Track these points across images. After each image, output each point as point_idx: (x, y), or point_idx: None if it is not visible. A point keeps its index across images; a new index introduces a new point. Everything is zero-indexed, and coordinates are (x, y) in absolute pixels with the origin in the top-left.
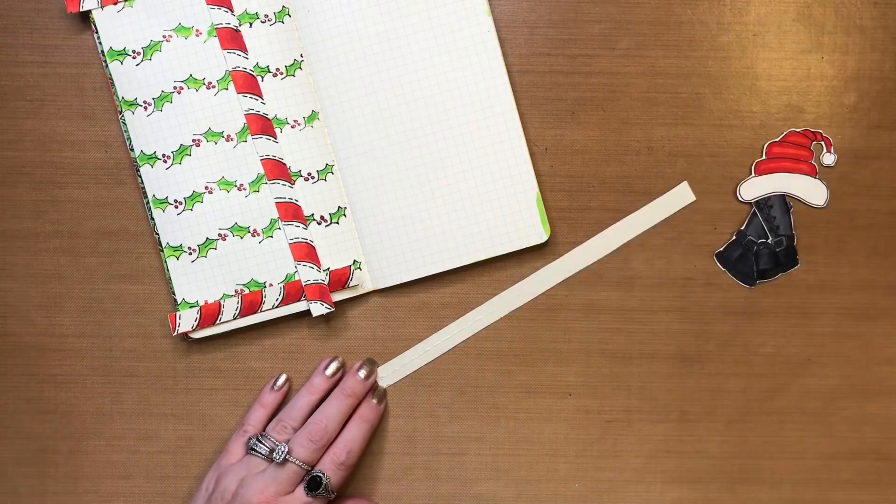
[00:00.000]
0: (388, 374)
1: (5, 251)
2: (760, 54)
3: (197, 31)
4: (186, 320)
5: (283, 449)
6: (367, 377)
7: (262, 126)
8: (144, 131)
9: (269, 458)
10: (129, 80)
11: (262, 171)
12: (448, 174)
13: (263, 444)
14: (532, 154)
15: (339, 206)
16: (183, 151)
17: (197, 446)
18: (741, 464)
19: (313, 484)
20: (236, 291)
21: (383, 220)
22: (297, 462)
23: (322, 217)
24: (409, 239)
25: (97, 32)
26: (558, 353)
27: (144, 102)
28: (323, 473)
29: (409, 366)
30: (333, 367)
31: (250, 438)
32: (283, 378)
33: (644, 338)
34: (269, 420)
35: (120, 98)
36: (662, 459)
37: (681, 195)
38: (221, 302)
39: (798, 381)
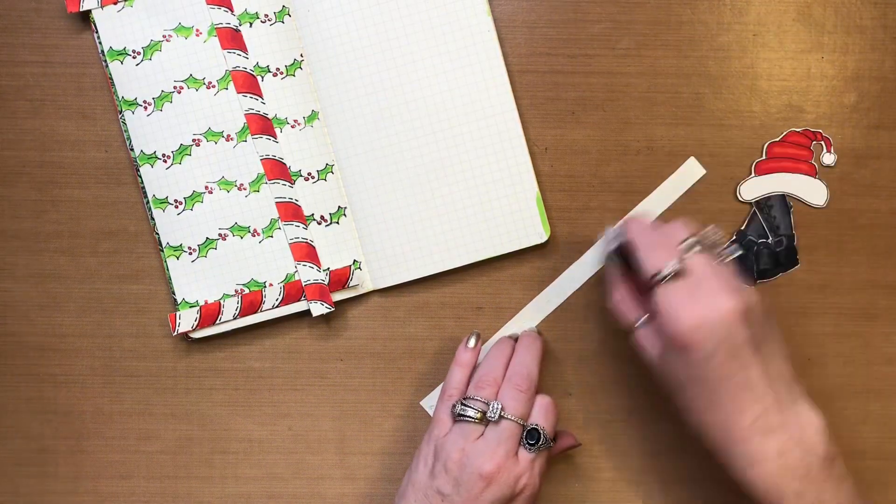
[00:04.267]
0: (434, 403)
1: (5, 251)
2: (760, 54)
3: (197, 30)
4: (186, 320)
5: (496, 407)
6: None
7: (262, 126)
8: (144, 131)
9: (482, 421)
10: (129, 79)
11: (262, 171)
12: (448, 174)
13: (472, 408)
14: (532, 154)
15: (339, 206)
16: (183, 151)
17: (197, 446)
18: None
19: (532, 437)
20: (236, 291)
21: (383, 220)
22: (512, 417)
23: (322, 217)
24: (409, 239)
25: (97, 32)
26: (558, 353)
27: (144, 102)
28: (537, 425)
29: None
30: (511, 334)
31: (456, 404)
32: (475, 336)
33: None
34: (469, 379)
35: (120, 98)
36: (662, 459)
37: (690, 171)
38: (221, 302)
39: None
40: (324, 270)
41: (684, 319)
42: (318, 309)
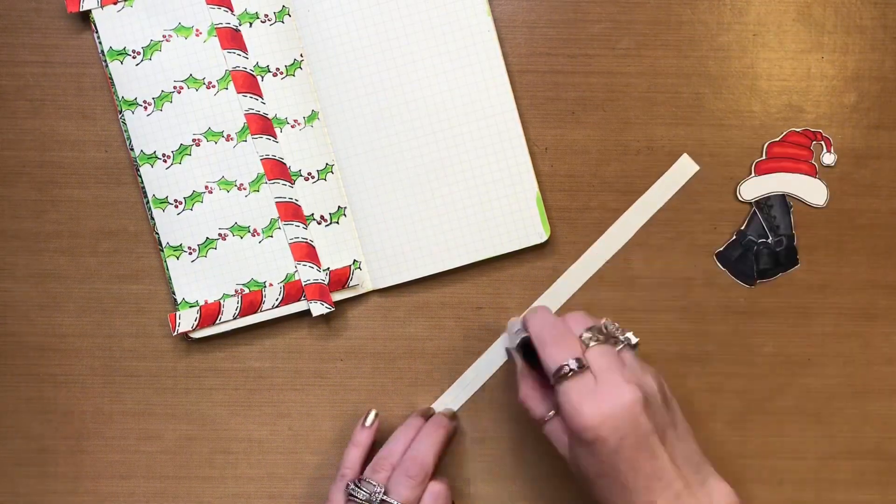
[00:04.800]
0: (449, 401)
1: (5, 251)
2: (760, 54)
3: (197, 30)
4: (186, 320)
5: (378, 492)
6: (453, 415)
7: (262, 126)
8: (144, 131)
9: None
10: (129, 79)
11: (262, 171)
12: (448, 174)
13: (363, 490)
14: (532, 154)
15: (339, 206)
16: (183, 151)
17: (197, 446)
18: (741, 464)
19: None
20: (236, 291)
21: (383, 220)
22: (397, 503)
23: (322, 217)
24: (409, 239)
25: (97, 32)
26: None
27: (144, 102)
28: None
29: (471, 386)
30: (426, 408)
31: (349, 484)
32: (372, 414)
33: (644, 338)
34: (366, 459)
35: (120, 98)
36: None
37: (683, 168)
38: (221, 302)
39: (798, 381)
40: (324, 270)
41: (587, 415)
42: (318, 309)
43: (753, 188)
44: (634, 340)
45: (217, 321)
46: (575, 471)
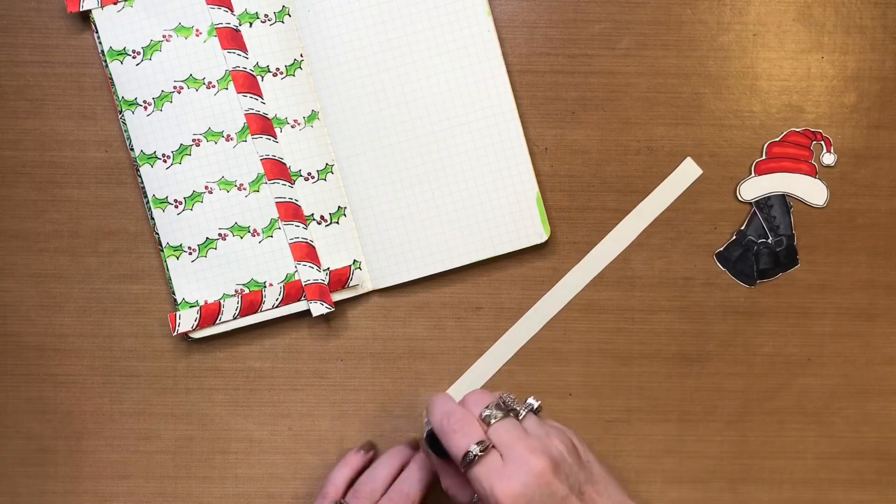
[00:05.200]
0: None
1: (5, 251)
2: (760, 54)
3: (197, 30)
4: (186, 320)
5: None
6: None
7: (262, 126)
8: (144, 131)
9: None
10: (129, 79)
11: (262, 171)
12: (448, 174)
13: None
14: (532, 154)
15: (339, 206)
16: (183, 151)
17: (197, 446)
18: (741, 464)
19: None
20: (236, 291)
21: (383, 220)
22: None
23: (322, 217)
24: (409, 239)
25: (97, 32)
26: (558, 353)
27: (144, 102)
28: None
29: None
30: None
31: (338, 502)
32: (367, 445)
33: (644, 338)
34: (351, 482)
35: (120, 98)
36: (662, 459)
37: (687, 171)
38: (221, 302)
39: (798, 381)
40: (324, 270)
41: (501, 495)
42: (318, 309)
43: (753, 188)
44: (536, 405)
45: (217, 321)
46: None
